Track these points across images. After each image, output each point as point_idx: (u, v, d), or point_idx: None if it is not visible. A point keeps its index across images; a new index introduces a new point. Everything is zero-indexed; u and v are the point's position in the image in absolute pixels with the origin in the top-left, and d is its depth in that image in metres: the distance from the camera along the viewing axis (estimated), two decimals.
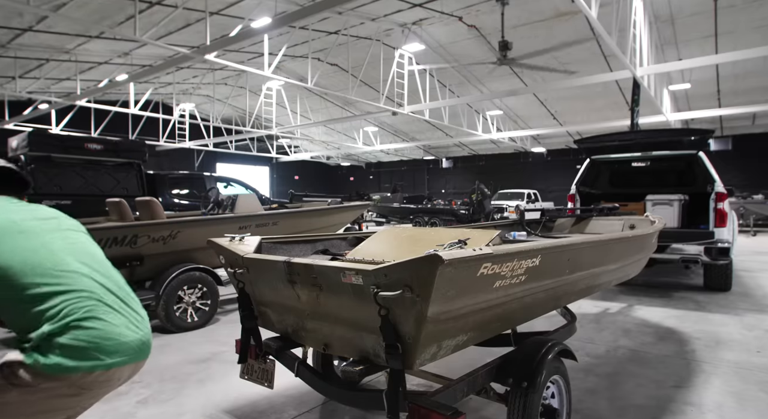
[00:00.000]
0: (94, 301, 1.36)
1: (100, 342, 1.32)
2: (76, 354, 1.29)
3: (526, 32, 13.16)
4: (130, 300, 1.48)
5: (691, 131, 6.22)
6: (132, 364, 1.41)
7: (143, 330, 1.45)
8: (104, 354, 1.32)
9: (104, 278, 1.45)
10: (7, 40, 12.19)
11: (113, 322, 1.37)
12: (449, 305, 1.61)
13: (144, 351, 1.45)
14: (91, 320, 1.33)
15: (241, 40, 9.24)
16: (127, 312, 1.43)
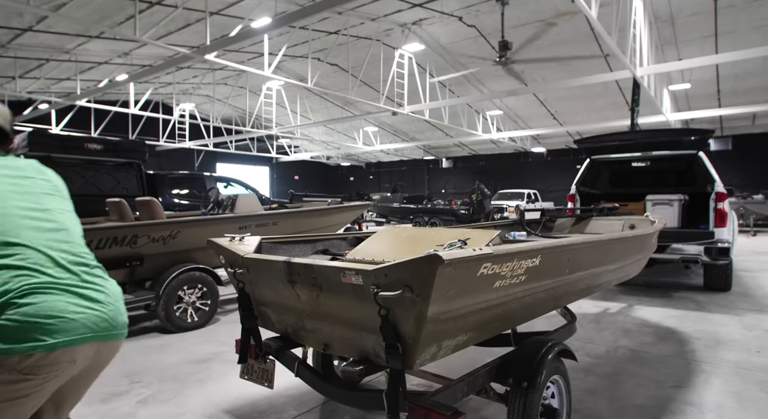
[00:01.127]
0: (38, 276, 1.23)
1: (39, 321, 1.18)
2: (11, 335, 1.15)
3: (526, 32, 13.16)
4: (90, 275, 1.34)
5: (691, 131, 6.22)
6: (91, 344, 1.27)
7: (105, 307, 1.31)
8: (45, 334, 1.18)
9: (58, 251, 1.31)
10: (7, 40, 12.19)
11: (59, 299, 1.23)
12: (449, 305, 1.61)
13: (107, 329, 1.31)
14: (29, 296, 1.20)
15: (241, 40, 9.25)
16: (81, 288, 1.29)
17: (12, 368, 1.16)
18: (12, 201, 1.31)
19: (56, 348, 1.19)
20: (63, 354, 1.21)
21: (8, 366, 1.15)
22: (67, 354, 1.22)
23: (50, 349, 1.18)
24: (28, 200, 1.35)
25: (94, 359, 1.32)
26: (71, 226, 1.41)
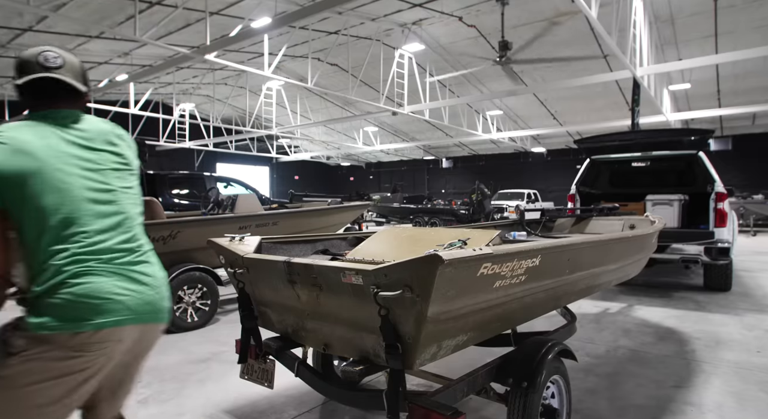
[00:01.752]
0: (90, 258, 1.27)
1: (87, 301, 1.24)
2: (62, 313, 1.22)
3: (526, 32, 13.16)
4: (139, 259, 1.38)
5: (691, 131, 6.22)
6: (134, 326, 1.32)
7: (150, 290, 1.36)
8: (93, 313, 1.24)
9: (112, 234, 1.34)
10: (7, 40, 12.19)
11: (107, 281, 1.28)
12: (449, 305, 1.61)
13: (150, 313, 1.36)
14: (81, 277, 1.25)
15: (241, 40, 9.25)
16: (129, 272, 1.33)
17: (63, 344, 1.21)
18: (77, 180, 1.31)
19: (103, 327, 1.25)
20: (110, 334, 1.27)
21: (59, 343, 1.21)
22: (113, 333, 1.27)
23: (97, 328, 1.24)
24: (92, 178, 1.34)
25: (139, 341, 1.38)
26: (130, 208, 1.42)
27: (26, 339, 1.22)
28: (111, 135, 1.45)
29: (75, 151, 1.34)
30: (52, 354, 1.22)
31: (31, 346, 1.21)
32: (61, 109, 1.38)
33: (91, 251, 1.28)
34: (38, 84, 1.34)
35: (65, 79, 1.35)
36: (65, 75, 1.36)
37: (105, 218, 1.34)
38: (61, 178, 1.28)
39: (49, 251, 1.25)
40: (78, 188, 1.31)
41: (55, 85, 1.36)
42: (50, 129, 1.32)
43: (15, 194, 1.24)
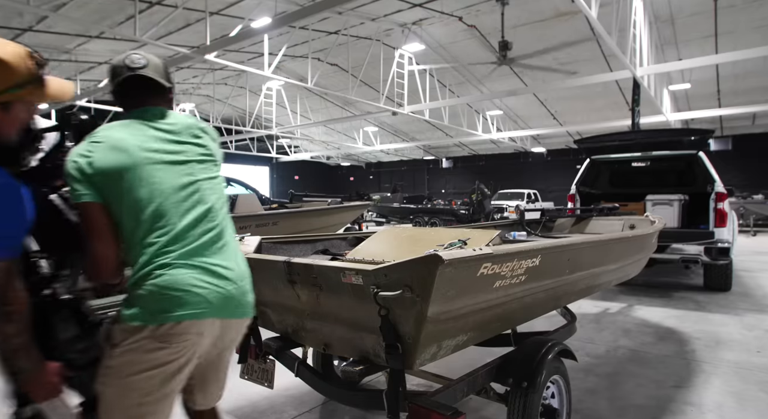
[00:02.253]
0: (175, 251, 1.32)
1: (168, 293, 1.29)
2: (148, 304, 1.28)
3: (526, 32, 13.16)
4: (222, 253, 1.40)
5: (691, 131, 6.23)
6: (214, 319, 1.36)
7: (230, 284, 1.38)
8: (174, 305, 1.29)
9: (197, 227, 1.37)
10: (7, 40, 12.19)
11: (188, 273, 1.31)
12: (449, 305, 1.61)
13: (231, 307, 1.39)
14: (164, 268, 1.30)
15: (241, 40, 9.25)
16: (212, 265, 1.36)
17: (149, 335, 1.28)
18: (166, 174, 1.37)
19: (182, 319, 1.29)
20: (190, 326, 1.30)
21: (146, 334, 1.28)
22: (193, 326, 1.31)
23: (178, 320, 1.28)
24: (179, 171, 1.40)
25: (221, 336, 1.41)
26: (215, 200, 1.46)
27: (123, 331, 1.30)
28: (195, 128, 1.50)
29: (163, 145, 1.40)
30: (144, 345, 1.28)
31: (126, 337, 1.29)
32: (149, 106, 1.46)
33: (175, 244, 1.33)
34: (128, 84, 1.43)
35: (149, 75, 1.44)
36: (149, 73, 1.44)
37: (191, 211, 1.38)
38: (151, 172, 1.35)
39: (142, 243, 1.32)
40: (167, 182, 1.37)
41: (142, 83, 1.44)
42: (141, 126, 1.40)
43: (113, 189, 1.32)
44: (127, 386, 1.30)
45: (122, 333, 1.30)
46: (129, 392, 1.31)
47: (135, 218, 1.32)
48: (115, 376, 1.31)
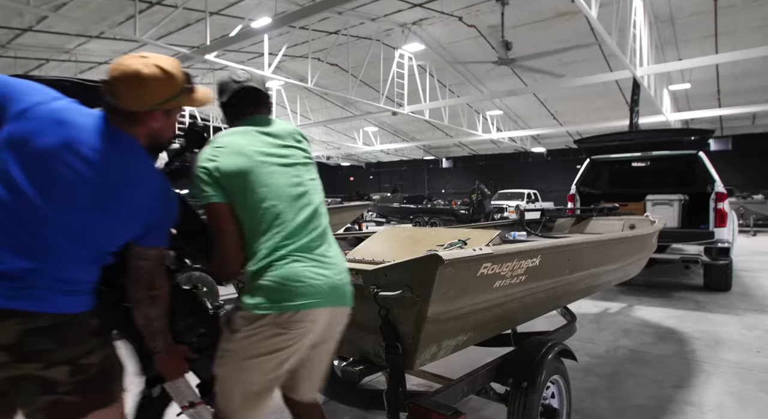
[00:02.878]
0: (291, 245, 1.43)
1: (288, 284, 1.39)
2: (270, 294, 1.39)
3: (526, 32, 13.16)
4: (327, 247, 1.51)
5: (691, 131, 6.22)
6: (326, 308, 1.46)
7: (336, 276, 1.48)
8: (293, 295, 1.39)
9: (306, 223, 1.48)
10: (7, 40, 12.19)
11: (304, 266, 1.42)
12: (449, 305, 1.61)
13: (339, 296, 1.49)
14: (284, 260, 1.41)
15: (241, 40, 9.26)
16: (320, 258, 1.47)
17: (271, 322, 1.39)
18: (280, 176, 1.50)
19: (301, 308, 1.40)
20: (307, 314, 1.42)
21: (269, 321, 1.39)
22: (309, 314, 1.42)
23: (297, 309, 1.40)
24: (289, 173, 1.53)
25: (329, 324, 1.51)
26: (318, 199, 1.58)
27: (245, 319, 1.41)
28: (296, 134, 1.64)
29: (274, 150, 1.54)
30: (265, 331, 1.40)
31: (248, 324, 1.41)
32: (255, 115, 1.61)
33: (290, 239, 1.44)
34: (236, 97, 1.59)
35: (254, 86, 1.61)
36: (254, 84, 1.61)
37: (302, 210, 1.50)
38: (268, 174, 1.48)
39: (261, 239, 1.44)
40: (281, 183, 1.49)
41: (247, 94, 1.60)
42: (253, 133, 1.55)
43: (236, 191, 1.45)
44: (245, 368, 1.43)
45: (243, 320, 1.42)
46: (246, 374, 1.44)
47: (255, 216, 1.44)
48: (235, 359, 1.43)
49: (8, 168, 1.20)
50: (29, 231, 1.19)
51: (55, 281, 1.21)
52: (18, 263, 1.17)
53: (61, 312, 1.21)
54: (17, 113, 1.23)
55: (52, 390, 1.20)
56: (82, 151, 1.24)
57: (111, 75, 1.27)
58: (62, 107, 1.27)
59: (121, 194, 1.28)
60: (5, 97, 1.25)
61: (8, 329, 1.16)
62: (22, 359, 1.17)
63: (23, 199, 1.19)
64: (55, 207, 1.20)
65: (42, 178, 1.20)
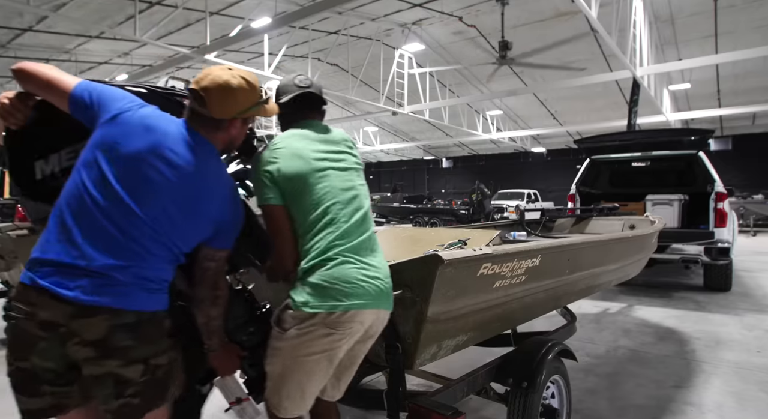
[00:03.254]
0: (342, 246, 1.46)
1: (339, 284, 1.42)
2: (320, 293, 1.42)
3: (526, 32, 13.16)
4: (372, 253, 1.53)
5: (691, 131, 6.22)
6: (372, 310, 1.47)
7: (381, 281, 1.49)
8: (343, 295, 1.42)
9: (356, 227, 1.51)
10: (7, 40, 12.19)
11: (353, 267, 1.45)
12: (449, 305, 1.61)
13: (383, 299, 1.50)
14: (335, 260, 1.44)
15: (241, 40, 9.26)
16: (367, 261, 1.48)
17: (321, 321, 1.42)
18: (334, 179, 1.54)
19: (350, 308, 1.42)
20: (355, 315, 1.44)
21: (319, 320, 1.42)
22: (357, 315, 1.44)
23: (347, 309, 1.42)
24: (342, 177, 1.56)
25: (371, 326, 1.51)
26: (367, 204, 1.61)
27: (294, 317, 1.44)
28: (348, 140, 1.69)
29: (329, 154, 1.58)
30: (314, 330, 1.42)
31: (298, 322, 1.43)
32: (311, 120, 1.66)
33: (342, 240, 1.47)
34: (296, 100, 1.65)
35: (315, 92, 1.67)
36: (315, 91, 1.68)
37: (354, 213, 1.53)
38: (323, 177, 1.52)
39: (314, 239, 1.47)
40: (335, 186, 1.53)
41: (307, 100, 1.66)
42: (310, 137, 1.59)
43: (293, 192, 1.50)
44: (295, 366, 1.46)
45: (294, 319, 1.44)
46: (296, 371, 1.46)
47: (309, 217, 1.48)
48: (285, 357, 1.46)
49: (101, 169, 1.28)
50: (119, 229, 1.26)
51: (139, 279, 1.27)
52: (106, 260, 1.23)
53: (143, 310, 1.28)
54: (109, 119, 1.33)
55: (123, 391, 1.25)
56: (169, 156, 1.33)
57: (202, 85, 1.36)
58: (149, 114, 1.37)
59: (201, 197, 1.37)
60: (99, 105, 1.35)
61: (96, 325, 1.21)
62: (107, 355, 1.23)
63: (114, 199, 1.27)
64: (143, 208, 1.28)
65: (131, 180, 1.29)
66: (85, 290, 1.20)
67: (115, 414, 1.26)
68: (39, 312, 1.20)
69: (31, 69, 1.40)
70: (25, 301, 1.22)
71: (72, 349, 1.22)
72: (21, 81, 1.42)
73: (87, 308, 1.20)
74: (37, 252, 1.25)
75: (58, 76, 1.39)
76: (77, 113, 1.37)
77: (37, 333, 1.21)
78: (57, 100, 1.39)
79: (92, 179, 1.27)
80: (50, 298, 1.20)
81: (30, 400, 1.25)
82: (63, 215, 1.26)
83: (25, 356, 1.22)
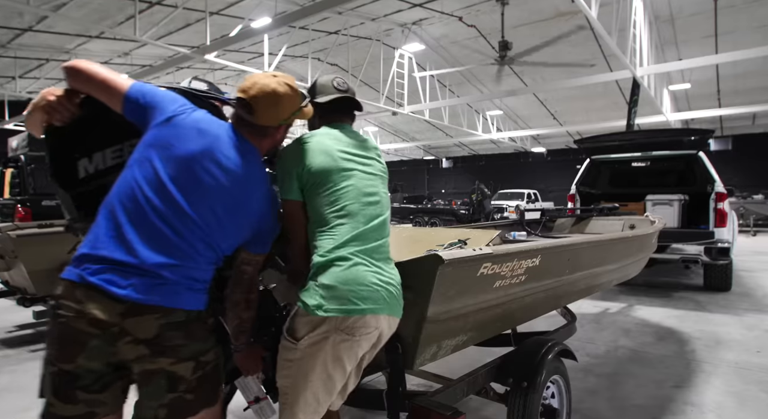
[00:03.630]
0: (357, 247, 1.41)
1: (353, 288, 1.36)
2: (333, 295, 1.35)
3: (526, 32, 13.16)
4: (386, 260, 1.49)
5: (691, 131, 6.21)
6: (386, 316, 1.42)
7: (393, 287, 1.45)
8: (358, 299, 1.35)
9: (373, 232, 1.47)
10: (7, 40, 12.19)
11: (368, 271, 1.39)
12: (449, 305, 1.61)
13: (395, 306, 1.45)
14: (348, 261, 1.38)
15: (241, 40, 9.25)
16: (381, 267, 1.44)
17: (336, 327, 1.35)
18: (358, 181, 1.51)
19: (366, 312, 1.36)
20: (371, 320, 1.38)
21: (333, 326, 1.35)
22: (373, 320, 1.39)
23: (362, 313, 1.36)
24: (367, 182, 1.54)
25: (383, 332, 1.46)
26: (386, 213, 1.57)
27: (307, 324, 1.37)
28: (376, 148, 1.72)
29: (357, 158, 1.57)
30: (331, 337, 1.35)
31: (311, 330, 1.36)
32: (344, 123, 1.66)
33: (357, 241, 1.42)
34: (333, 103, 1.63)
35: (353, 97, 1.66)
36: (352, 95, 1.67)
37: (373, 218, 1.50)
38: (347, 176, 1.50)
39: (327, 233, 1.43)
40: (358, 187, 1.51)
41: (343, 104, 1.65)
42: (341, 138, 1.58)
43: (315, 185, 1.47)
44: (309, 377, 1.38)
45: (305, 325, 1.37)
46: (311, 383, 1.39)
47: (326, 212, 1.45)
48: (299, 369, 1.39)
49: (155, 169, 1.30)
50: (172, 229, 1.28)
51: (186, 279, 1.29)
52: (158, 258, 1.24)
53: (191, 309, 1.30)
54: (164, 120, 1.36)
55: (176, 386, 1.27)
56: (221, 159, 1.37)
57: (250, 94, 1.41)
58: (202, 118, 1.41)
59: (248, 201, 1.41)
60: (152, 106, 1.38)
61: (148, 323, 1.23)
62: (159, 353, 1.25)
63: (168, 198, 1.29)
64: (194, 208, 1.31)
65: (184, 180, 1.31)
66: (137, 289, 1.21)
67: (169, 407, 1.27)
68: (89, 311, 1.20)
69: (84, 67, 1.40)
70: (73, 299, 1.21)
71: (123, 348, 1.23)
72: (72, 78, 1.41)
73: (139, 307, 1.21)
74: (86, 248, 1.25)
75: (112, 76, 1.41)
76: (131, 113, 1.39)
77: (88, 331, 1.20)
78: (110, 100, 1.41)
79: (146, 178, 1.29)
80: (101, 296, 1.20)
81: (65, 406, 1.22)
82: (115, 212, 1.27)
83: (73, 357, 1.21)
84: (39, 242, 3.80)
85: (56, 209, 5.79)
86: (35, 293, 3.94)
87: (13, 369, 3.52)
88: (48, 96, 1.41)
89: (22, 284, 4.05)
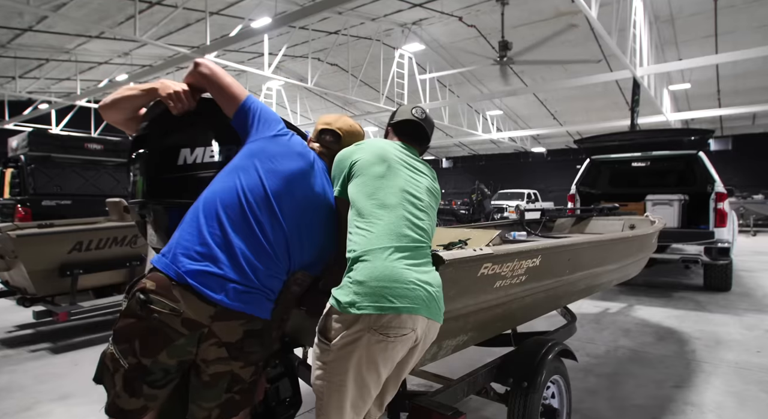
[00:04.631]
0: (393, 240, 1.35)
1: (386, 285, 1.28)
2: (367, 291, 1.28)
3: (526, 32, 13.16)
4: (424, 259, 1.41)
5: (691, 131, 6.21)
6: (424, 318, 1.33)
7: (432, 287, 1.36)
8: (393, 296, 1.28)
9: (408, 230, 1.40)
10: (7, 40, 12.19)
11: (406, 269, 1.32)
12: (449, 305, 1.61)
13: (435, 309, 1.36)
14: (386, 250, 1.33)
15: (241, 40, 9.25)
16: (418, 266, 1.36)
17: (370, 325, 1.27)
18: (406, 185, 1.50)
19: (402, 311, 1.28)
20: (407, 319, 1.30)
21: (367, 324, 1.27)
22: (409, 320, 1.30)
23: (398, 311, 1.28)
24: (414, 184, 1.52)
25: (422, 337, 1.38)
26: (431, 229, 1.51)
27: (340, 322, 1.30)
28: (434, 173, 1.70)
29: (410, 166, 1.58)
30: (365, 337, 1.27)
31: (344, 329, 1.29)
32: (412, 146, 1.69)
33: (397, 238, 1.36)
34: (405, 124, 1.72)
35: (424, 126, 1.73)
36: (424, 125, 1.73)
37: (415, 218, 1.44)
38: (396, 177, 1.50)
39: (365, 232, 1.38)
40: (405, 189, 1.48)
41: (415, 129, 1.72)
42: (401, 148, 1.63)
43: (359, 177, 1.49)
44: (344, 380, 1.30)
45: (339, 324, 1.30)
46: (346, 387, 1.31)
47: (368, 203, 1.43)
48: (332, 371, 1.31)
49: (259, 177, 1.41)
50: (265, 236, 1.36)
51: (265, 288, 1.36)
52: (252, 265, 1.32)
53: (266, 318, 1.38)
54: (271, 136, 1.52)
55: (232, 387, 1.35)
56: (313, 182, 1.52)
57: (343, 130, 1.70)
58: (300, 142, 1.59)
59: (327, 222, 1.54)
60: (261, 121, 1.53)
61: (234, 328, 1.30)
62: (236, 357, 1.32)
63: (267, 207, 1.39)
64: (286, 221, 1.41)
65: (281, 194, 1.43)
66: (229, 295, 1.28)
67: (222, 407, 1.34)
68: (185, 310, 1.25)
69: (215, 68, 1.55)
70: (169, 297, 1.25)
71: (207, 349, 1.28)
72: (198, 75, 1.54)
73: (228, 312, 1.28)
74: (187, 243, 1.31)
75: (234, 83, 1.55)
76: (239, 121, 1.53)
77: (179, 330, 1.25)
78: (225, 104, 1.55)
79: (249, 185, 1.39)
80: (196, 297, 1.25)
81: (130, 400, 1.26)
82: (219, 215, 1.34)
83: (156, 352, 1.24)
84: (39, 242, 3.80)
85: (56, 209, 5.79)
86: (35, 293, 3.94)
87: (13, 369, 3.52)
88: (172, 87, 1.54)
89: (22, 284, 4.05)
